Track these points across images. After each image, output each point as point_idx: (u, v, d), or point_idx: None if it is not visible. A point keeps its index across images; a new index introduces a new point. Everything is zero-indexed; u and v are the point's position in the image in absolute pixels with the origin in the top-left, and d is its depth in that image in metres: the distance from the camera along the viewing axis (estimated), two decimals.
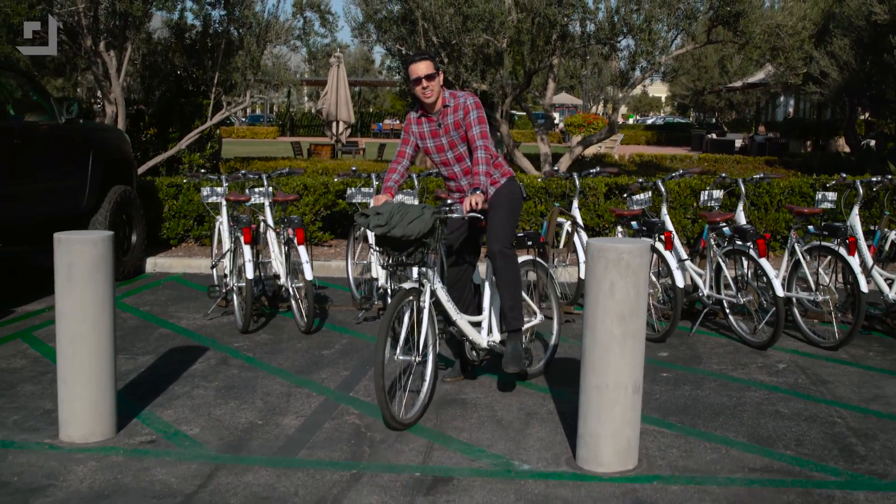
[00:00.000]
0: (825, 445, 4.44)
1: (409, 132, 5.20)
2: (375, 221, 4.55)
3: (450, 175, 5.20)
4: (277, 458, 4.22)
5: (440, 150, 5.12)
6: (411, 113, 5.24)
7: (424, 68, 4.94)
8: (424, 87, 4.95)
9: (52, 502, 3.72)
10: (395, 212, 4.54)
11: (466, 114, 4.99)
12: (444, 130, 5.07)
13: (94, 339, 4.34)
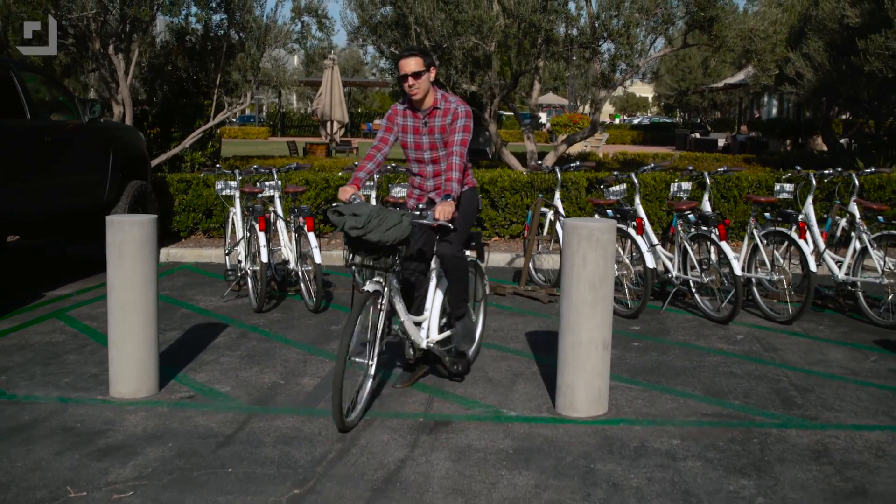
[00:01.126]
0: (769, 397, 5.18)
1: (394, 122, 5.17)
2: (352, 223, 4.41)
3: (419, 172, 5.21)
4: (300, 408, 4.94)
5: (418, 148, 5.13)
6: (397, 104, 5.22)
7: (413, 65, 4.92)
8: (411, 84, 4.93)
9: (114, 441, 4.42)
10: (374, 215, 4.42)
11: (455, 120, 5.00)
12: (429, 131, 5.07)
13: (141, 307, 5.05)
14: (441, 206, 4.68)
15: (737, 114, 44.61)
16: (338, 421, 4.43)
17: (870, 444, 4.44)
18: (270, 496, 3.78)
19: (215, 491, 3.83)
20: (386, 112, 5.23)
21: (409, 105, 5.11)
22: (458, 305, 5.23)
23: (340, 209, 4.49)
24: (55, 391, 5.23)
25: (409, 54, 4.98)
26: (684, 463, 4.16)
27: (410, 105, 5.10)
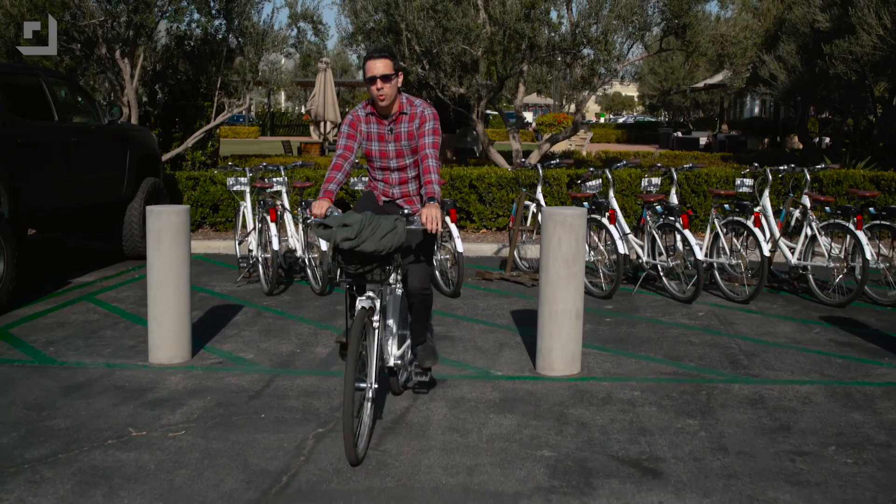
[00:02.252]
0: (720, 360, 6.02)
1: (356, 129, 4.79)
2: (343, 234, 4.11)
3: (384, 180, 4.90)
4: (316, 370, 5.74)
5: (384, 157, 4.80)
6: (358, 109, 4.85)
7: (381, 67, 4.54)
8: (379, 87, 4.55)
9: (161, 395, 5.21)
10: (366, 224, 4.13)
11: (423, 123, 4.70)
12: (395, 138, 4.75)
13: (177, 284, 5.84)
14: (428, 209, 4.34)
15: (718, 113, 45.57)
16: (350, 455, 4.09)
17: (799, 394, 5.28)
18: (300, 433, 4.58)
19: (253, 430, 4.62)
20: (346, 117, 4.84)
21: (372, 111, 4.76)
22: (421, 333, 4.93)
23: (327, 222, 4.19)
24: (100, 359, 6.01)
25: (377, 55, 4.59)
26: (642, 408, 4.98)
27: (375, 111, 4.75)
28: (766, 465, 4.19)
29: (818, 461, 4.25)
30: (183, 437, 4.52)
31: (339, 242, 4.15)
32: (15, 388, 5.34)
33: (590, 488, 3.92)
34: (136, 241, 9.83)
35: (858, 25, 15.53)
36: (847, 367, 5.89)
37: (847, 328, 6.98)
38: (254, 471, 4.10)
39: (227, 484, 3.95)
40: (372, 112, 4.78)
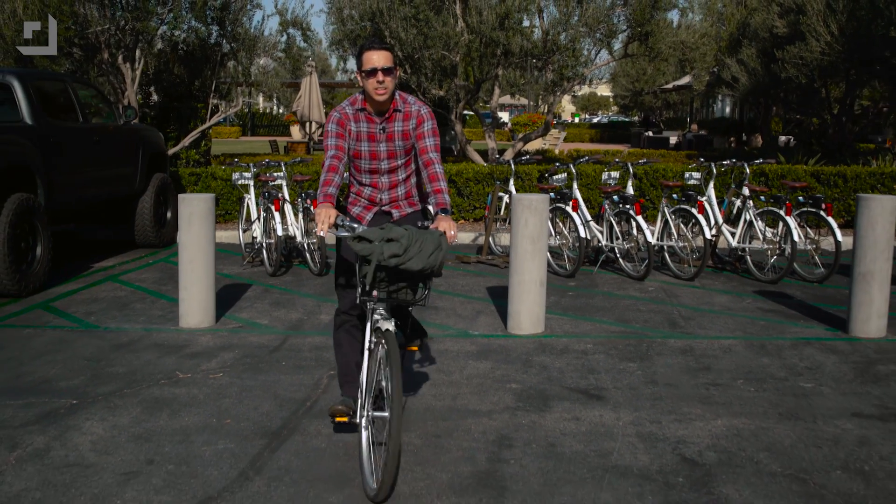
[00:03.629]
0: (661, 322, 7.16)
1: (345, 128, 4.35)
2: (392, 251, 3.72)
3: (372, 184, 4.50)
4: (323, 332, 6.83)
5: (374, 158, 4.41)
6: (346, 106, 4.41)
7: (383, 59, 4.20)
8: (381, 80, 4.20)
9: (196, 350, 6.28)
10: (413, 241, 3.75)
11: (420, 123, 4.37)
12: (388, 137, 4.38)
13: (204, 260, 6.91)
14: (447, 222, 3.99)
15: (689, 113, 46.95)
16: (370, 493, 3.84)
17: (723, 346, 6.43)
18: (315, 374, 5.67)
19: (277, 373, 5.71)
20: (331, 115, 4.41)
21: (363, 107, 4.37)
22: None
23: (366, 235, 3.78)
24: (137, 325, 7.07)
25: (378, 46, 4.26)
26: (592, 356, 6.12)
27: (366, 107, 4.36)
28: (685, 392, 5.33)
29: (727, 389, 5.40)
30: (221, 378, 5.60)
31: (386, 259, 3.72)
32: (71, 345, 6.39)
33: (547, 407, 5.04)
34: (147, 231, 10.87)
35: (808, 33, 16.79)
36: (767, 327, 7.06)
37: (775, 299, 8.15)
38: (283, 399, 5.19)
39: (263, 407, 5.04)
40: (362, 109, 4.36)
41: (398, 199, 4.57)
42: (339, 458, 4.31)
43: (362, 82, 4.28)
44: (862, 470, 4.16)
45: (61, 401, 5.13)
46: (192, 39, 15.89)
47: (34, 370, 5.75)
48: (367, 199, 4.57)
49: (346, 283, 4.51)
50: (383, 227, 3.84)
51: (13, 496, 3.85)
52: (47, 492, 3.90)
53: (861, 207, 6.80)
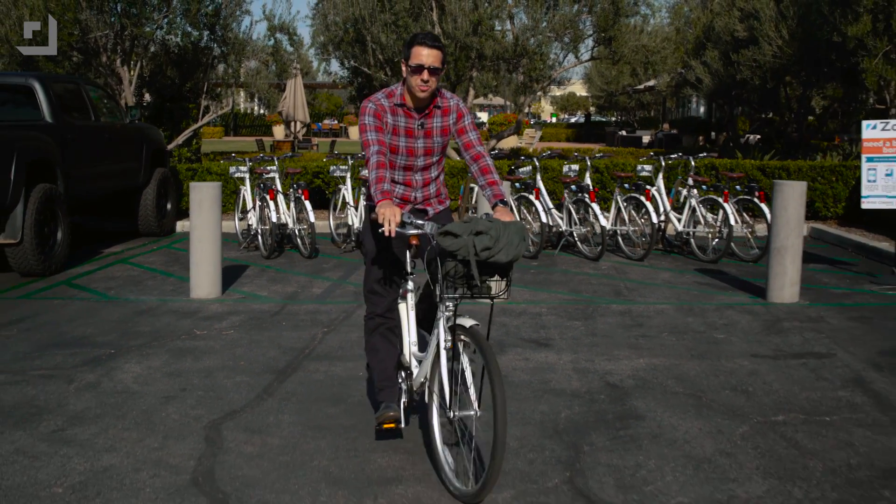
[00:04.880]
0: (608, 292, 8.29)
1: (382, 120, 4.18)
2: (484, 243, 3.63)
3: (406, 181, 4.35)
4: (316, 300, 7.91)
5: (411, 154, 4.28)
6: (381, 98, 4.23)
7: (433, 58, 4.07)
8: (426, 79, 4.07)
9: (207, 315, 7.35)
10: (502, 233, 3.67)
11: (460, 118, 4.30)
12: (426, 133, 4.26)
13: (212, 239, 7.98)
14: (509, 215, 3.92)
15: (662, 113, 48.28)
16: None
17: (657, 309, 7.57)
18: (312, 331, 6.76)
19: (279, 330, 6.79)
20: (365, 107, 4.20)
21: (402, 101, 4.22)
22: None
23: (452, 230, 3.68)
24: (153, 296, 8.12)
25: (431, 44, 4.09)
26: (545, 317, 7.23)
27: (405, 102, 4.22)
28: (618, 341, 6.46)
29: (653, 339, 6.53)
30: (232, 334, 6.68)
31: (479, 253, 3.64)
32: (99, 312, 7.44)
33: (503, 352, 6.16)
34: (150, 221, 11.91)
35: (761, 37, 18.00)
36: (698, 296, 8.20)
37: (711, 275, 9.30)
38: (286, 348, 6.28)
39: (270, 353, 6.12)
40: (401, 103, 4.21)
41: (430, 196, 4.45)
42: (335, 386, 5.40)
43: (406, 74, 4.14)
44: (746, 390, 5.30)
45: (101, 350, 6.20)
46: (185, 43, 16.89)
47: (72, 330, 6.81)
48: (399, 198, 4.37)
49: (386, 283, 4.35)
50: (466, 220, 3.72)
51: (79, 412, 4.91)
52: (105, 409, 4.96)
53: (776, 192, 7.95)
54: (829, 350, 6.25)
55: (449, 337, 3.91)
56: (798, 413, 4.91)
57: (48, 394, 5.22)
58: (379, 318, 4.43)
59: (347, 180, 11.00)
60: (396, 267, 4.36)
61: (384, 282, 4.37)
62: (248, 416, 4.86)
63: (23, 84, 9.84)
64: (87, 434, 4.57)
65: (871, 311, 7.53)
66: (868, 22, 14.88)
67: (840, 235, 11.93)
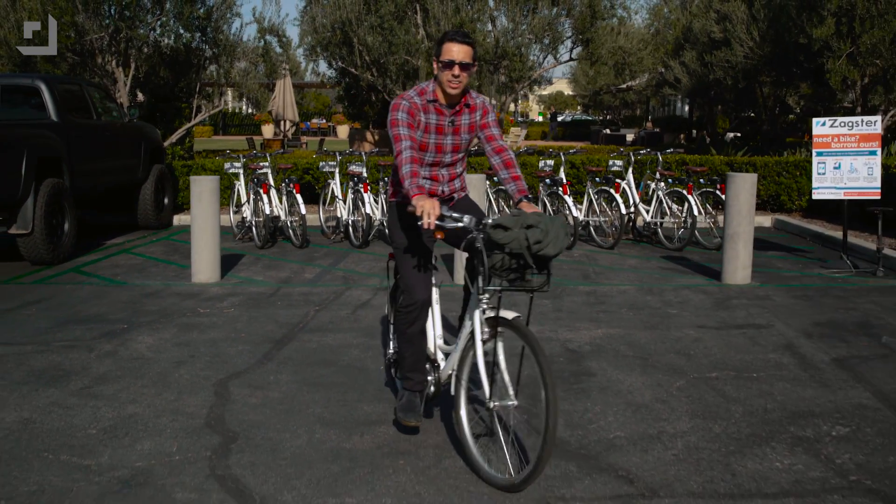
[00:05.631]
0: (577, 276, 9.01)
1: (415, 118, 4.25)
2: (536, 237, 3.69)
3: (433, 176, 4.46)
4: (308, 283, 8.60)
5: (440, 151, 4.37)
6: (414, 95, 4.29)
7: (464, 54, 4.13)
8: (456, 74, 4.14)
9: (209, 296, 8.03)
10: (551, 226, 3.74)
11: (486, 114, 4.43)
12: (455, 131, 4.35)
13: (212, 228, 8.65)
14: (533, 208, 4.02)
15: (645, 111, 49.12)
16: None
17: (620, 290, 8.29)
18: (305, 309, 7.45)
19: (275, 308, 7.48)
20: (398, 104, 4.25)
21: (434, 98, 4.28)
22: None
23: (503, 223, 3.74)
24: (157, 281, 8.80)
25: (461, 39, 4.19)
26: (517, 297, 7.92)
27: (436, 99, 4.29)
28: (580, 316, 7.18)
29: (612, 314, 7.25)
30: (233, 312, 7.36)
31: (532, 246, 3.70)
32: (109, 295, 8.12)
33: None
34: (148, 215, 12.57)
35: (733, 39, 18.76)
36: (659, 279, 8.93)
37: (675, 262, 10.03)
38: (281, 322, 6.97)
39: (268, 327, 6.81)
40: (433, 100, 4.29)
41: (455, 190, 4.60)
42: (326, 353, 6.10)
43: (437, 71, 4.22)
44: (688, 354, 6.02)
45: (115, 326, 6.88)
46: (177, 45, 17.52)
47: (86, 309, 7.48)
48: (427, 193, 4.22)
49: (423, 270, 4.43)
50: (514, 214, 3.79)
51: (101, 374, 5.59)
52: (124, 372, 5.65)
53: (728, 184, 8.69)
54: (768, 322, 6.99)
55: (487, 328, 3.98)
56: (730, 371, 5.64)
57: (72, 360, 5.90)
58: (419, 311, 4.37)
59: (336, 175, 11.68)
60: (428, 255, 4.48)
61: (420, 269, 4.42)
62: (251, 376, 5.55)
63: (29, 85, 10.49)
64: (111, 390, 5.26)
65: (814, 291, 8.27)
66: (832, 25, 15.65)
67: (801, 226, 12.69)
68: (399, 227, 4.50)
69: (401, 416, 4.40)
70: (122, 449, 4.35)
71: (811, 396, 5.15)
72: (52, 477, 4.01)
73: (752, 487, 3.92)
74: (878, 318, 7.16)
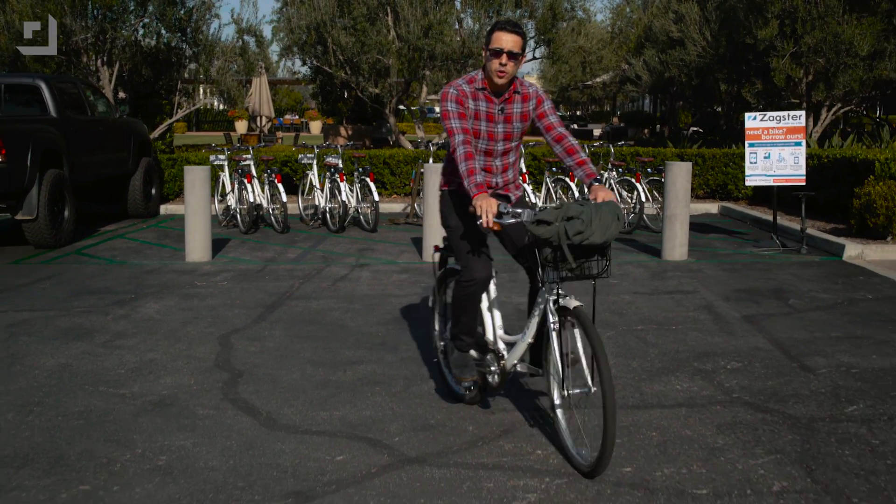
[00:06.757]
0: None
1: (464, 106, 4.27)
2: (576, 228, 3.72)
3: (486, 167, 4.47)
4: (291, 262, 9.57)
5: (492, 139, 4.39)
6: (462, 84, 4.33)
7: (512, 43, 4.15)
8: (503, 63, 4.16)
9: (203, 272, 8.97)
10: (594, 215, 3.76)
11: (540, 103, 4.39)
12: (506, 119, 4.37)
13: (203, 213, 9.60)
14: (606, 193, 4.00)
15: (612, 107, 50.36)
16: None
17: None
18: (290, 282, 8.42)
19: (263, 282, 8.45)
20: (447, 93, 4.30)
21: (483, 86, 4.32)
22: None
23: (544, 217, 3.78)
24: (154, 261, 9.73)
25: (510, 29, 4.19)
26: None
27: (486, 87, 4.32)
28: None
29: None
30: (226, 285, 8.33)
31: (572, 237, 3.74)
32: (112, 272, 9.04)
33: None
34: (137, 204, 13.46)
35: (686, 38, 19.90)
36: None
37: (623, 243, 11.08)
38: (270, 292, 7.94)
39: (259, 296, 7.78)
40: (482, 88, 4.32)
41: (510, 182, 4.59)
42: (312, 314, 7.08)
43: (485, 60, 4.25)
44: (621, 313, 7.07)
45: (124, 296, 7.82)
46: (160, 45, 18.38)
47: (94, 283, 8.41)
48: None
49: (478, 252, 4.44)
50: (558, 206, 3.81)
51: (120, 331, 6.54)
52: (139, 329, 6.60)
53: (666, 171, 9.76)
54: (695, 289, 8.06)
55: (556, 318, 4.02)
56: (654, 324, 6.70)
57: (92, 322, 6.84)
58: (478, 287, 4.43)
59: (314, 167, 12.65)
60: (483, 238, 4.47)
61: (475, 251, 4.43)
62: (249, 332, 6.53)
63: (30, 84, 11.37)
64: (131, 343, 6.22)
65: (741, 265, 9.36)
66: (776, 26, 16.80)
67: (743, 212, 13.81)
68: (454, 213, 4.53)
69: (457, 373, 4.64)
70: (149, 383, 5.32)
71: (717, 342, 6.21)
72: (94, 401, 4.98)
73: (655, 401, 4.96)
74: (791, 286, 8.25)
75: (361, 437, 4.45)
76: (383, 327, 6.67)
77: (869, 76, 16.58)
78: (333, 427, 4.58)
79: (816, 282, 8.42)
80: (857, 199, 10.74)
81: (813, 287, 8.16)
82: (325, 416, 4.74)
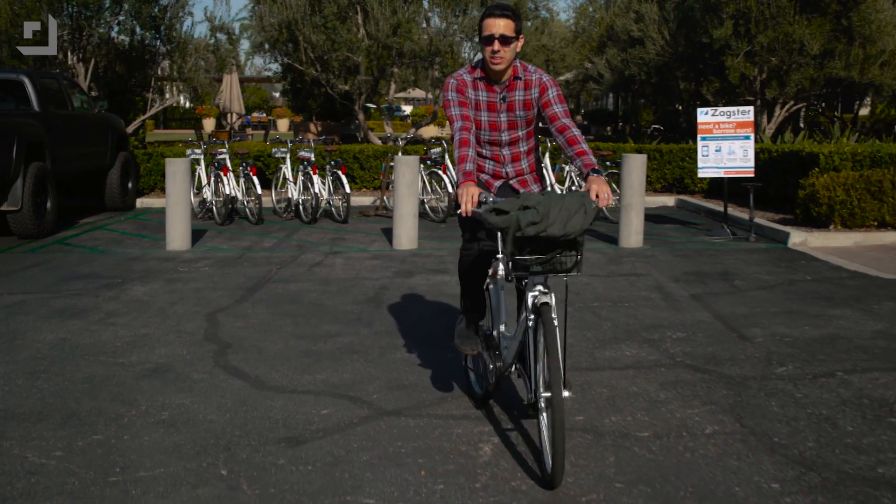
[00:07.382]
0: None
1: (465, 95, 4.25)
2: (529, 218, 3.57)
3: (494, 157, 4.41)
4: (267, 251, 10.05)
5: (494, 129, 4.33)
6: (463, 73, 4.31)
7: (502, 26, 4.08)
8: (496, 49, 4.08)
9: (183, 259, 9.43)
10: (552, 205, 3.62)
11: (544, 91, 4.24)
12: (508, 107, 4.27)
13: (184, 203, 10.05)
14: (599, 184, 3.82)
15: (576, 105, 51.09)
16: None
17: None
18: (268, 267, 8.91)
19: (243, 268, 8.92)
20: (448, 83, 4.31)
21: (482, 75, 4.27)
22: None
23: (501, 206, 3.68)
24: (135, 250, 10.16)
25: (499, 14, 4.12)
26: (446, 258, 9.50)
27: (484, 76, 4.27)
28: None
29: None
30: (208, 270, 8.80)
31: (524, 228, 3.60)
32: (97, 259, 9.47)
33: (411, 276, 8.40)
34: (115, 197, 13.85)
35: (645, 37, 20.57)
36: None
37: None
38: (250, 276, 8.42)
39: (239, 280, 8.27)
40: (481, 77, 4.27)
41: (524, 172, 4.47)
42: (291, 295, 7.58)
43: (482, 50, 4.19)
44: (578, 292, 7.65)
45: (111, 280, 8.27)
46: (134, 42, 18.71)
47: (81, 269, 8.84)
48: (491, 174, 4.45)
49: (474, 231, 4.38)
50: (522, 194, 3.74)
51: (112, 311, 7.01)
52: (129, 309, 7.07)
53: (623, 163, 10.36)
54: (647, 272, 8.66)
55: (532, 316, 3.88)
56: (608, 302, 7.28)
57: (84, 303, 7.30)
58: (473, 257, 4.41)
59: (287, 161, 13.12)
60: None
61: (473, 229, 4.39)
62: (233, 310, 7.02)
63: (14, 79, 11.74)
64: (124, 320, 6.69)
65: (692, 252, 9.98)
66: (730, 26, 17.50)
67: (698, 204, 14.47)
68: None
69: (458, 343, 4.53)
70: (145, 353, 5.80)
71: (665, 316, 6.80)
72: (96, 369, 5.45)
73: (606, 364, 5.54)
74: (737, 269, 8.87)
75: (343, 395, 4.97)
76: (358, 306, 7.18)
77: (819, 74, 17.33)
78: (317, 387, 5.10)
79: (761, 265, 9.05)
80: (803, 189, 11.42)
81: (757, 270, 8.79)
82: (310, 379, 5.26)
